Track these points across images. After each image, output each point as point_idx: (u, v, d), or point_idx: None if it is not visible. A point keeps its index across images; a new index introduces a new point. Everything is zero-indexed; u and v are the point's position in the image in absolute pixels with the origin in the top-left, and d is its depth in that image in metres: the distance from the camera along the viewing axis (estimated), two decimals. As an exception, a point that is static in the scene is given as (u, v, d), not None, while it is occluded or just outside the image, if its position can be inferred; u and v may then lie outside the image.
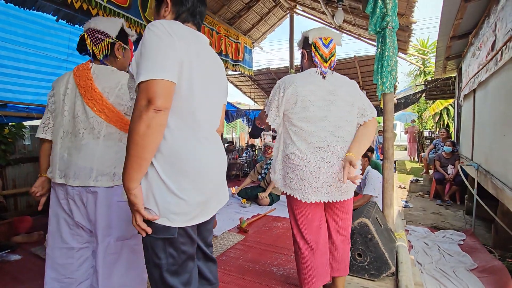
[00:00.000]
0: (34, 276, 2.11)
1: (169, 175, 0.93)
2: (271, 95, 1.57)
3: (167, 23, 0.93)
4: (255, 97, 11.91)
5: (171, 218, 0.93)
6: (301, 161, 1.45)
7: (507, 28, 2.59)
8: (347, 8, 5.19)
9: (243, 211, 3.76)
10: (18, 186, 3.50)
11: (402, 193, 6.12)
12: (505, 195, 2.53)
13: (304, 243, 1.56)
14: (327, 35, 1.55)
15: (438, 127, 10.75)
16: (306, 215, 1.54)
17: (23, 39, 3.48)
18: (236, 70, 6.26)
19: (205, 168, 1.00)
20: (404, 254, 2.20)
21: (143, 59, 0.87)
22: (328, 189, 1.47)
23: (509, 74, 2.64)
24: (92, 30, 1.38)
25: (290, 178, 1.50)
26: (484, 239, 3.56)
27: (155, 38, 0.88)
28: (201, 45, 1.04)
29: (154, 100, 0.83)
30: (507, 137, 2.61)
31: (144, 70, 0.85)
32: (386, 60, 2.45)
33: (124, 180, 0.88)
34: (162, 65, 0.86)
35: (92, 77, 1.34)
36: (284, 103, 1.50)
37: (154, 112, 0.84)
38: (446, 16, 3.85)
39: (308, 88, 1.48)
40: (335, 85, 1.52)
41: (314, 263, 1.53)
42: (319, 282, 1.53)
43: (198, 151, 0.98)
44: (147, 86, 0.84)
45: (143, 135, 0.84)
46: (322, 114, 1.47)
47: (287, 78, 1.55)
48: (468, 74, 4.66)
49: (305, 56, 1.61)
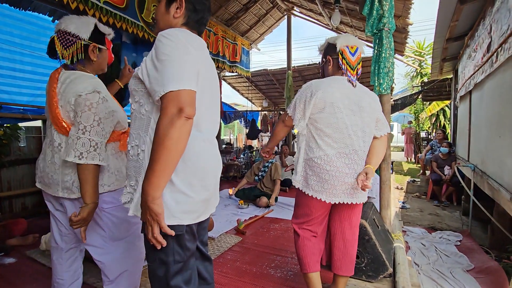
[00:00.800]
0: (28, 279, 2.08)
1: (179, 174, 0.95)
2: (297, 97, 1.60)
3: (183, 34, 0.96)
4: (253, 98, 11.92)
5: (181, 217, 0.97)
6: (327, 166, 1.50)
7: (502, 30, 2.62)
8: (344, 9, 5.21)
9: (241, 213, 3.74)
10: (13, 188, 3.46)
11: (399, 194, 6.14)
12: (501, 196, 2.54)
13: (305, 232, 1.69)
14: (353, 43, 1.60)
15: (435, 128, 10.81)
16: (315, 212, 1.64)
17: (18, 40, 3.45)
18: (233, 71, 6.26)
19: (210, 167, 1.05)
20: (402, 255, 2.20)
21: (166, 69, 0.89)
22: (351, 192, 1.55)
23: (505, 75, 2.65)
24: (62, 32, 1.28)
25: (313, 180, 1.55)
26: (481, 240, 3.57)
27: (176, 49, 0.91)
28: (206, 53, 1.07)
29: (184, 109, 0.87)
30: (503, 138, 2.62)
31: (173, 80, 0.88)
32: (382, 61, 2.46)
33: (150, 188, 0.87)
34: (189, 75, 0.91)
35: (56, 86, 1.29)
36: (311, 107, 1.52)
37: (185, 120, 0.88)
38: (442, 18, 3.87)
39: (336, 95, 1.52)
40: (360, 95, 1.58)
41: (310, 248, 1.66)
42: (314, 266, 1.66)
43: (204, 152, 1.03)
44: (178, 96, 0.88)
45: (177, 140, 0.87)
46: (348, 122, 1.52)
47: (314, 82, 1.58)
48: (464, 76, 4.69)
49: (330, 62, 1.64)
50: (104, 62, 1.44)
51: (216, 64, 5.54)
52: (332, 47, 1.63)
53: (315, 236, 1.69)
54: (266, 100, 11.72)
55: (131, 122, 1.06)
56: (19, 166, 3.52)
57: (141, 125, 1.01)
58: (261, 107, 11.81)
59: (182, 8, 1.06)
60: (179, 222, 0.96)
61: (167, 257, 0.98)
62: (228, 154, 7.29)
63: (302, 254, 1.67)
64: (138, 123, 1.02)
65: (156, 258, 0.99)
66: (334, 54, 1.61)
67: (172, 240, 0.97)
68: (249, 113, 10.14)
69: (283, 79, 8.26)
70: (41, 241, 2.51)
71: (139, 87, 0.99)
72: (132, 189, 1.03)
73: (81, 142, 1.21)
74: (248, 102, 11.84)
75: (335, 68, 1.63)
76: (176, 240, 0.98)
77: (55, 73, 1.34)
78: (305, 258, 1.66)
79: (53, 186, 1.31)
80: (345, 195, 1.54)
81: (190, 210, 0.99)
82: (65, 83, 1.29)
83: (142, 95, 0.99)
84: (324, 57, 1.69)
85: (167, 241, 0.95)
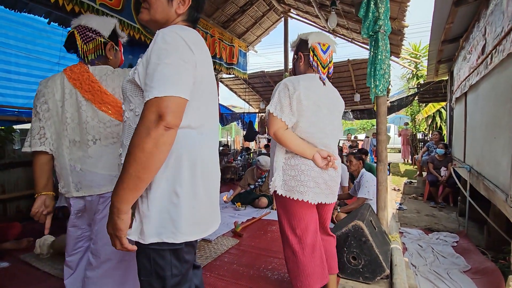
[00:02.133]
0: (23, 284, 2.05)
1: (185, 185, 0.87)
2: (278, 95, 1.47)
3: (184, 33, 0.86)
4: (250, 100, 11.92)
5: (188, 232, 0.89)
6: (311, 162, 1.48)
7: (497, 32, 2.64)
8: (340, 12, 5.24)
9: (238, 215, 3.73)
10: (7, 192, 3.42)
11: (396, 195, 6.15)
12: (496, 197, 2.56)
13: (301, 246, 1.53)
14: (325, 41, 1.56)
15: (431, 130, 10.88)
16: (304, 219, 1.52)
17: (13, 42, 3.43)
18: (230, 73, 6.26)
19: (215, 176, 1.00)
20: (398, 256, 2.20)
21: (156, 72, 0.80)
22: (328, 191, 1.54)
23: (499, 77, 2.68)
24: (83, 28, 1.31)
25: (296, 181, 1.46)
26: (477, 241, 3.58)
27: (174, 53, 0.82)
28: (207, 51, 0.99)
29: (165, 116, 0.77)
30: (498, 139, 2.64)
31: (160, 85, 0.79)
32: (379, 63, 2.48)
33: (116, 200, 0.79)
34: (180, 81, 0.81)
35: (96, 80, 1.28)
36: (296, 103, 1.44)
37: (164, 130, 0.78)
38: (437, 20, 3.91)
39: (317, 93, 1.50)
40: (333, 93, 1.59)
41: (311, 265, 1.51)
42: (318, 283, 1.51)
43: (210, 159, 0.96)
44: (160, 102, 0.78)
45: (150, 153, 0.77)
46: (327, 121, 1.52)
47: (292, 79, 1.49)
48: (460, 78, 4.73)
49: (301, 58, 1.59)
50: (117, 63, 1.46)
51: (213, 66, 5.54)
52: (304, 43, 1.58)
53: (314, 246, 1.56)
54: (263, 102, 11.72)
55: (122, 132, 0.97)
56: (13, 169, 3.49)
57: None
58: (258, 109, 11.82)
59: (186, 4, 0.98)
60: (186, 239, 0.88)
61: (164, 271, 0.90)
62: (225, 156, 7.27)
63: (303, 274, 1.49)
64: (131, 134, 0.89)
65: (151, 272, 0.91)
66: (306, 51, 1.56)
67: (170, 254, 0.90)
68: (246, 115, 10.14)
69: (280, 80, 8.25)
70: (35, 245, 2.48)
71: (136, 93, 0.90)
72: None
73: None
74: (245, 104, 11.84)
75: (306, 65, 1.58)
76: (174, 253, 0.90)
77: (80, 68, 1.30)
78: (307, 278, 1.48)
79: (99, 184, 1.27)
80: (325, 195, 1.52)
81: (198, 223, 0.91)
82: (108, 76, 1.30)
83: (139, 103, 0.89)
84: (296, 53, 1.64)
85: (164, 255, 0.88)
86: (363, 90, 9.04)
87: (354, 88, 9.02)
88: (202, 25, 5.11)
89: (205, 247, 2.66)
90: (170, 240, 0.85)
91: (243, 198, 4.24)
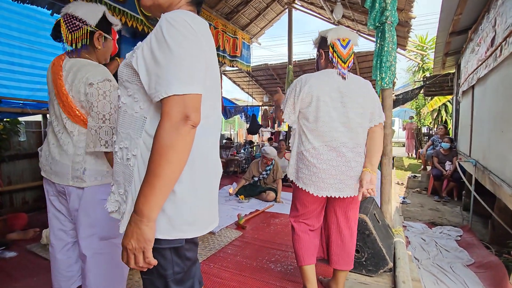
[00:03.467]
0: (29, 273, 2.09)
1: (183, 181, 0.82)
2: (288, 92, 1.61)
3: (191, 19, 0.80)
4: (253, 93, 11.87)
5: (185, 229, 0.84)
6: (315, 159, 1.53)
7: (507, 24, 2.57)
8: (346, 3, 5.15)
9: (241, 208, 3.75)
10: (13, 183, 3.46)
11: (400, 189, 6.14)
12: (502, 191, 2.53)
13: (299, 225, 1.71)
14: (345, 36, 1.57)
15: (436, 124, 10.76)
16: (310, 206, 1.66)
17: (17, 34, 3.42)
18: (234, 66, 6.22)
19: (216, 171, 0.96)
20: (402, 250, 2.20)
21: (172, 65, 0.75)
22: (340, 186, 1.54)
23: (509, 70, 2.62)
24: (70, 16, 1.28)
25: (303, 173, 1.58)
26: (481, 235, 3.57)
27: (184, 42, 0.76)
28: (212, 40, 0.92)
29: (191, 116, 0.75)
30: (506, 133, 2.60)
31: (179, 81, 0.74)
32: (385, 55, 2.43)
33: (146, 208, 0.74)
34: (197, 76, 0.78)
35: (62, 75, 1.28)
36: (299, 102, 1.55)
37: (191, 128, 0.75)
38: (446, 11, 3.82)
39: (322, 88, 1.52)
40: (351, 88, 1.56)
41: (306, 242, 1.68)
42: (309, 259, 1.68)
43: (211, 153, 0.92)
44: (183, 100, 0.75)
45: (182, 152, 0.75)
46: (335, 115, 1.52)
47: (303, 77, 1.59)
48: (467, 70, 4.64)
49: (322, 55, 1.64)
50: (108, 52, 1.43)
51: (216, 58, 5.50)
52: (323, 40, 1.62)
53: (311, 230, 1.71)
54: (267, 95, 11.67)
55: (117, 118, 0.93)
56: (19, 161, 3.52)
57: (132, 124, 0.86)
58: (261, 102, 11.77)
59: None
60: (182, 235, 0.84)
61: (166, 270, 0.86)
62: (228, 149, 7.28)
63: (298, 247, 1.69)
64: (128, 121, 0.86)
65: (153, 271, 0.86)
66: (326, 48, 1.60)
67: (170, 252, 0.86)
68: (249, 108, 10.11)
69: (284, 73, 8.22)
70: (42, 235, 2.52)
71: (133, 79, 0.84)
72: (120, 198, 0.89)
73: (104, 131, 1.23)
74: (249, 97, 11.80)
75: (326, 61, 1.62)
76: (175, 252, 0.87)
77: (59, 60, 1.32)
78: (300, 251, 1.68)
79: (61, 175, 1.30)
80: (333, 189, 1.53)
81: (196, 220, 0.86)
82: (72, 71, 1.28)
83: (137, 89, 0.84)
84: (318, 50, 1.69)
85: (164, 254, 0.85)
86: (368, 83, 8.94)
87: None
88: (205, 17, 5.05)
89: (208, 239, 2.68)
90: (165, 236, 0.81)
91: (248, 191, 4.25)
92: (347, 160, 1.53)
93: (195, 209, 0.86)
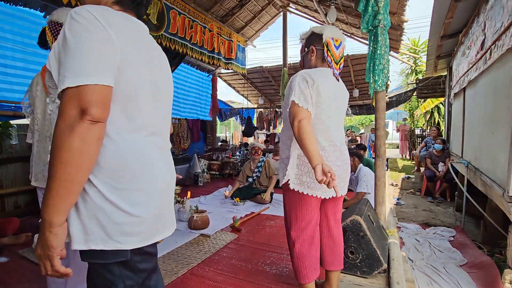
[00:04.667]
0: (21, 278, 2.06)
1: (117, 191, 0.78)
2: (299, 87, 1.43)
3: (97, 10, 0.74)
4: (249, 96, 11.88)
5: (121, 240, 0.78)
6: (325, 159, 1.46)
7: (496, 27, 2.63)
8: (339, 6, 5.20)
9: (236, 210, 3.74)
10: (5, 187, 3.41)
11: (394, 190, 6.19)
12: (493, 192, 2.57)
13: (302, 238, 1.57)
14: (338, 36, 1.56)
15: (429, 125, 10.90)
16: (310, 212, 1.56)
17: (10, 36, 3.39)
18: (228, 68, 6.23)
19: (157, 177, 0.87)
20: (396, 251, 2.22)
21: (68, 58, 0.69)
22: (342, 184, 1.58)
23: (498, 72, 2.68)
24: (54, 23, 1.31)
25: (309, 176, 1.48)
26: (474, 235, 3.62)
27: (84, 32, 0.70)
28: (141, 34, 0.87)
29: (89, 110, 0.68)
30: (496, 134, 2.65)
31: (72, 73, 0.68)
32: (378, 58, 2.46)
33: (46, 212, 0.69)
34: (97, 65, 0.70)
35: None
36: (315, 95, 1.44)
37: (91, 124, 0.68)
38: (437, 15, 3.89)
39: (331, 89, 1.52)
40: (340, 87, 1.60)
41: (309, 256, 1.56)
42: (314, 275, 1.57)
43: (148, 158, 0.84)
44: (78, 93, 0.68)
45: (79, 151, 0.68)
46: (338, 116, 1.56)
47: (309, 72, 1.48)
48: (458, 73, 4.72)
49: (313, 52, 1.59)
50: None
51: (211, 61, 5.50)
52: (316, 37, 1.58)
53: (313, 239, 1.61)
54: (262, 97, 11.69)
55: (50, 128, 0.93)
56: (11, 164, 3.47)
57: None
58: (257, 105, 11.78)
59: None
60: (118, 246, 0.78)
61: (116, 285, 0.81)
62: (223, 152, 7.27)
63: (301, 265, 1.55)
64: None
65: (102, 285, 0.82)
66: (319, 45, 1.56)
67: (119, 267, 0.81)
68: (244, 110, 10.12)
69: (279, 76, 8.25)
70: (33, 240, 2.48)
71: (53, 83, 0.77)
72: None
73: None
74: (244, 100, 11.80)
75: (318, 59, 1.59)
76: (123, 265, 0.82)
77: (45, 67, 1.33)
78: (304, 269, 1.55)
79: None
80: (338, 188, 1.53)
81: (134, 231, 0.80)
82: None
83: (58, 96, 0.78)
84: (307, 46, 1.63)
85: (111, 270, 0.80)
86: (361, 86, 9.03)
87: (352, 84, 9.00)
88: (200, 20, 5.06)
89: (203, 242, 2.67)
90: (99, 247, 0.76)
91: (244, 193, 4.24)
92: (346, 158, 1.59)
93: (133, 218, 0.80)
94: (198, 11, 5.03)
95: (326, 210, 1.69)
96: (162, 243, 2.58)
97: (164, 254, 2.39)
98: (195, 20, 4.94)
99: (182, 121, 6.54)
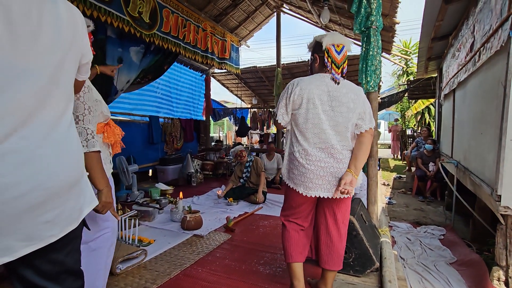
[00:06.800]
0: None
1: None
2: (281, 95, 1.69)
3: None
4: (242, 96, 11.88)
5: None
6: (304, 160, 1.58)
7: (485, 30, 2.69)
8: (333, 7, 5.24)
9: (230, 210, 3.73)
10: None
11: (386, 190, 6.27)
12: (482, 191, 2.63)
13: (288, 223, 1.76)
14: (339, 41, 1.62)
15: (420, 126, 11.06)
16: (300, 205, 1.71)
17: None
18: (222, 68, 6.21)
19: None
20: (388, 249, 2.25)
21: None
22: (328, 187, 1.58)
23: (487, 74, 2.73)
24: None
25: (293, 173, 1.64)
26: (463, 234, 3.69)
27: None
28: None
29: None
30: (485, 135, 2.70)
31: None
32: (370, 59, 2.49)
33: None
34: None
35: None
36: (291, 103, 1.61)
37: None
38: (428, 18, 3.95)
39: (313, 91, 1.56)
40: (342, 92, 1.59)
41: (296, 240, 1.72)
42: (297, 257, 1.71)
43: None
44: None
45: None
46: (325, 118, 1.56)
47: (296, 80, 1.65)
48: (448, 75, 4.81)
49: (317, 60, 1.68)
50: None
51: (205, 60, 5.47)
52: (319, 45, 1.66)
53: (302, 230, 1.75)
54: (256, 97, 11.70)
55: None
56: None
57: None
58: (250, 105, 11.78)
59: None
60: None
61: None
62: (217, 152, 7.24)
63: (287, 245, 1.73)
64: None
65: None
66: (320, 52, 1.64)
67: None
68: (238, 110, 10.11)
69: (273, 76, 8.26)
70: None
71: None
72: None
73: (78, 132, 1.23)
74: (238, 100, 11.79)
75: (320, 65, 1.66)
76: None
77: None
78: (289, 248, 1.71)
79: None
80: (322, 190, 1.58)
81: None
82: None
83: None
84: (312, 55, 1.73)
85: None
86: (354, 86, 9.09)
87: (345, 84, 9.06)
88: (194, 19, 5.03)
89: (197, 243, 2.65)
90: None
91: (237, 193, 4.23)
92: (336, 162, 1.56)
93: None
94: (192, 10, 5.00)
95: (324, 209, 1.71)
96: (154, 244, 2.56)
97: (156, 255, 2.36)
98: (189, 19, 4.90)
99: (175, 121, 6.50)
